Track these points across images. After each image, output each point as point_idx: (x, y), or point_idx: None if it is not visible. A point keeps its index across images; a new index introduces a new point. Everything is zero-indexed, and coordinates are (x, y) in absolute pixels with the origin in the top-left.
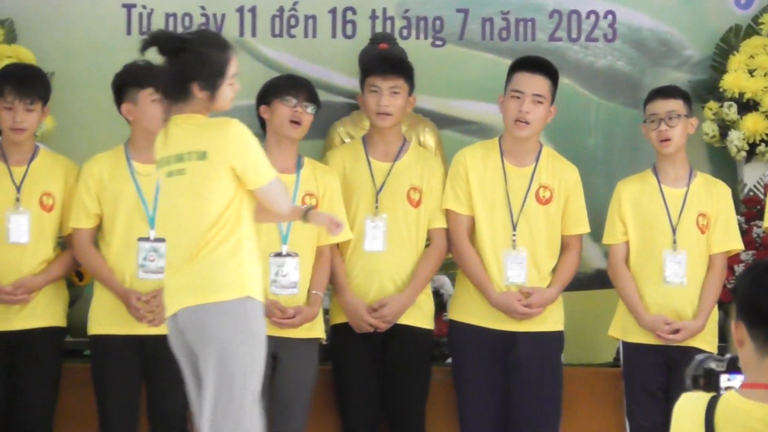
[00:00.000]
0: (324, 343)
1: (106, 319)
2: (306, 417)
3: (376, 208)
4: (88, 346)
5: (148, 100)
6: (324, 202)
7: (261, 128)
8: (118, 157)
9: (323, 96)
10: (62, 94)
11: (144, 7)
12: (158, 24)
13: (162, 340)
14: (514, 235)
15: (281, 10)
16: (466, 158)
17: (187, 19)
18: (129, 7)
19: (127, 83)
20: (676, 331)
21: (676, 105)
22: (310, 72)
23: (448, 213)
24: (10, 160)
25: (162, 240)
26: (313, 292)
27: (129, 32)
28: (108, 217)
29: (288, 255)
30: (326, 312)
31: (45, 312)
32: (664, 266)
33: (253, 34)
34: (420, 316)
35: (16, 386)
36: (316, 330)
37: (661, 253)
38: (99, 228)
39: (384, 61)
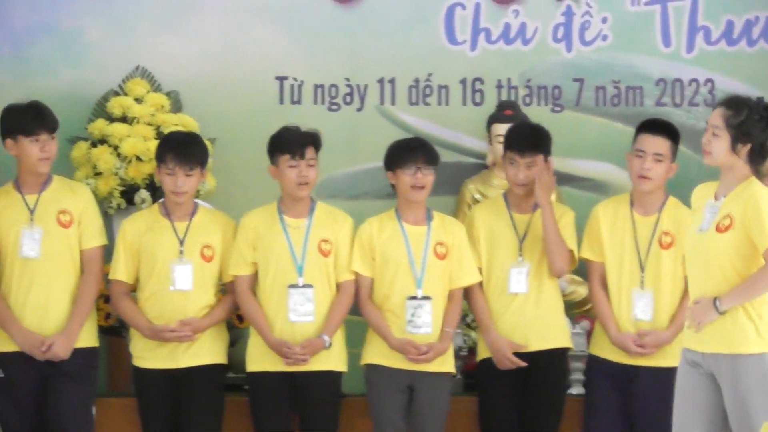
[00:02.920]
0: (456, 376)
1: (261, 357)
2: None
3: (520, 255)
4: (246, 381)
5: (285, 166)
6: (453, 250)
7: (393, 189)
8: (272, 212)
9: (455, 157)
10: (223, 157)
11: (295, 79)
12: (308, 94)
13: (309, 375)
14: (642, 276)
15: (417, 81)
16: (599, 211)
17: (333, 89)
18: (281, 79)
19: (275, 149)
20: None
21: (664, 147)
22: (443, 135)
23: (586, 262)
24: (173, 217)
25: (310, 286)
26: (446, 329)
27: (281, 101)
28: (262, 265)
29: (423, 298)
30: (459, 349)
31: (209, 351)
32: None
33: (392, 103)
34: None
35: (184, 418)
36: (448, 364)
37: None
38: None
39: (524, 139)
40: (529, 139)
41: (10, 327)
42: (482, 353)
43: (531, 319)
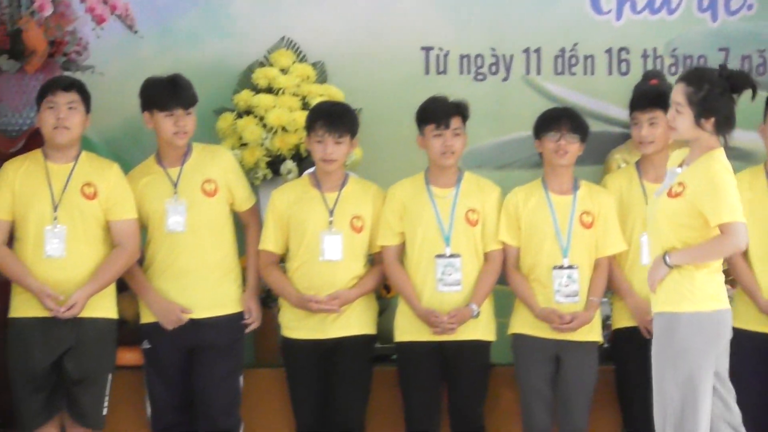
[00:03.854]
0: (604, 345)
1: (409, 327)
2: (587, 414)
3: None
4: (394, 351)
5: (431, 135)
6: (599, 219)
7: (540, 158)
8: (419, 183)
9: (601, 127)
10: (369, 128)
11: (440, 49)
12: (453, 64)
13: (458, 345)
14: None
15: (563, 50)
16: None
17: (479, 59)
18: (427, 50)
19: (421, 119)
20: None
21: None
22: (589, 105)
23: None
24: (323, 188)
25: (457, 255)
26: (591, 298)
27: (427, 72)
28: (409, 235)
29: (569, 267)
30: (606, 318)
31: (358, 321)
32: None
33: (538, 72)
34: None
35: (332, 388)
36: (594, 334)
37: None
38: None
39: (642, 96)
40: (647, 96)
41: (150, 298)
42: (619, 322)
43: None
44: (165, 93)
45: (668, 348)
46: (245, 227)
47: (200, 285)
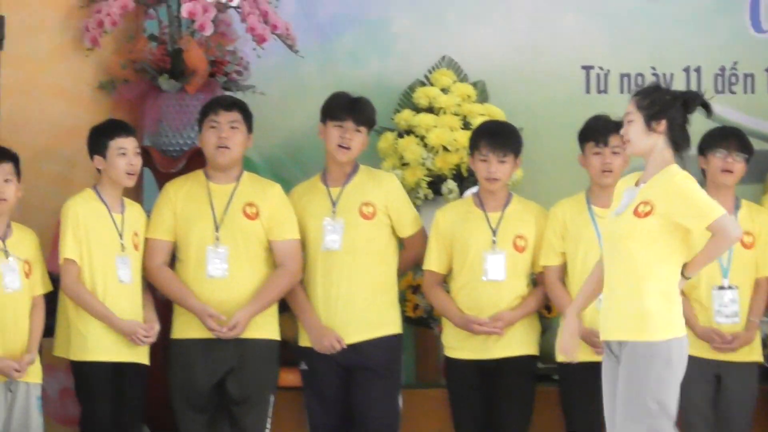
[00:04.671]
0: (764, 365)
1: None
2: None
3: None
4: (556, 371)
5: (590, 153)
6: (760, 239)
7: (703, 176)
8: (580, 202)
9: (760, 145)
10: (529, 147)
11: (601, 68)
12: (614, 83)
13: None
14: None
15: (723, 69)
16: None
17: (639, 78)
18: (588, 69)
19: (582, 137)
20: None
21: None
22: (749, 124)
23: None
24: (487, 207)
25: None
26: (751, 318)
27: (587, 91)
28: (570, 255)
29: (730, 288)
30: (766, 338)
31: (520, 341)
32: None
33: None
34: None
35: (494, 408)
36: (755, 354)
37: None
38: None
39: None
40: None
41: (308, 323)
42: None
43: None
44: (342, 104)
45: (632, 379)
46: (406, 251)
47: (355, 306)
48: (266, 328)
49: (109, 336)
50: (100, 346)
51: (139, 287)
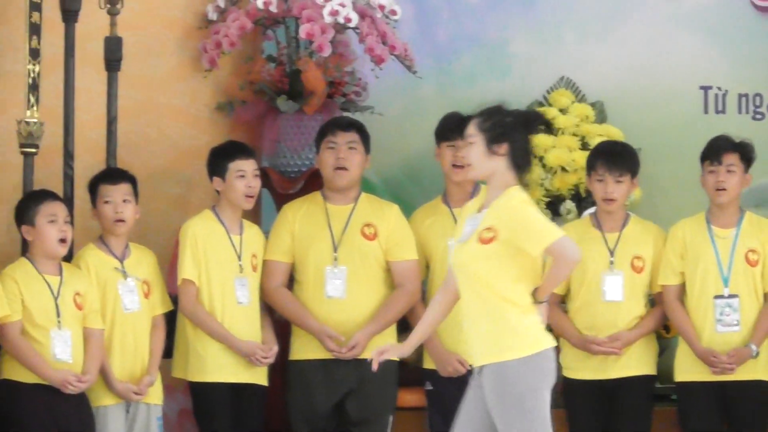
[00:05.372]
0: None
1: (690, 367)
2: None
3: None
4: (674, 391)
5: (706, 172)
6: None
7: None
8: (700, 222)
9: None
10: (648, 167)
11: (719, 88)
12: (732, 104)
13: (738, 385)
14: None
15: None
16: None
17: (757, 98)
18: (706, 89)
19: (701, 157)
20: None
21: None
22: None
23: None
24: (605, 227)
25: (735, 296)
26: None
27: (706, 111)
28: (689, 275)
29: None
30: None
31: (638, 361)
32: None
33: None
34: None
35: (613, 428)
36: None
37: None
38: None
39: None
40: None
41: (431, 346)
42: None
43: None
44: (452, 123)
45: (507, 398)
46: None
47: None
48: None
49: (228, 357)
50: (218, 367)
51: (257, 308)
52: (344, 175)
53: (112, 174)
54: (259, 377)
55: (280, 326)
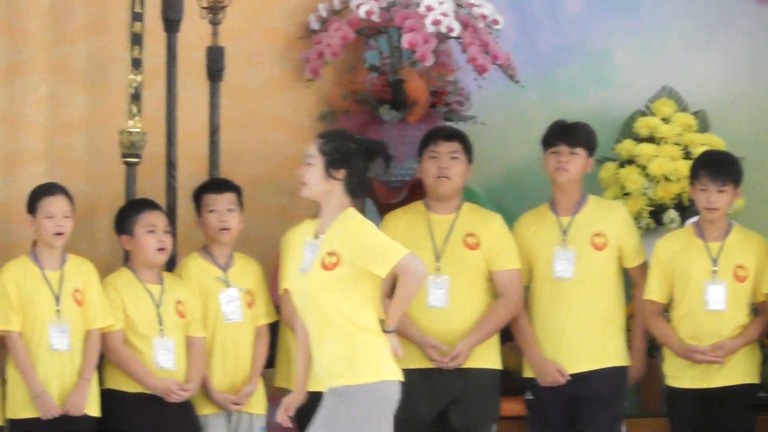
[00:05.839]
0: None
1: None
2: None
3: None
4: None
5: None
6: None
7: None
8: None
9: None
10: (751, 177)
11: None
12: None
13: None
14: None
15: None
16: None
17: None
18: None
19: None
20: None
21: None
22: None
23: None
24: (707, 237)
25: None
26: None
27: None
28: None
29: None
30: None
31: (742, 370)
32: None
33: None
34: None
35: None
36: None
37: None
38: None
39: None
40: None
41: (531, 356)
42: None
43: None
44: (554, 130)
45: (344, 423)
46: (635, 283)
47: (582, 337)
48: (488, 357)
49: None
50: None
51: None
52: (446, 183)
53: (217, 183)
54: None
55: None
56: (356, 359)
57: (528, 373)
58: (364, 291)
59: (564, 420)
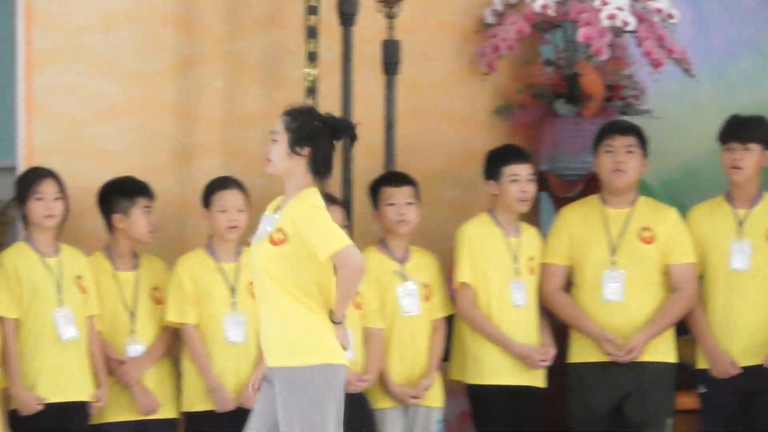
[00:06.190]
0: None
1: None
2: None
3: None
4: None
5: None
6: None
7: None
8: None
9: None
10: None
11: None
12: None
13: None
14: None
15: None
16: None
17: None
18: None
19: None
20: None
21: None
22: None
23: None
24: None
25: None
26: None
27: None
28: None
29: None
30: None
31: None
32: None
33: None
34: None
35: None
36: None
37: None
38: None
39: None
40: None
41: (706, 347)
42: None
43: None
44: (727, 126)
45: (292, 403)
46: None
47: (755, 330)
48: (664, 351)
49: (505, 359)
50: (496, 370)
51: (534, 311)
52: (621, 177)
53: (396, 177)
54: (537, 380)
55: (557, 329)
56: (297, 340)
57: (701, 364)
58: (311, 272)
59: (738, 415)
